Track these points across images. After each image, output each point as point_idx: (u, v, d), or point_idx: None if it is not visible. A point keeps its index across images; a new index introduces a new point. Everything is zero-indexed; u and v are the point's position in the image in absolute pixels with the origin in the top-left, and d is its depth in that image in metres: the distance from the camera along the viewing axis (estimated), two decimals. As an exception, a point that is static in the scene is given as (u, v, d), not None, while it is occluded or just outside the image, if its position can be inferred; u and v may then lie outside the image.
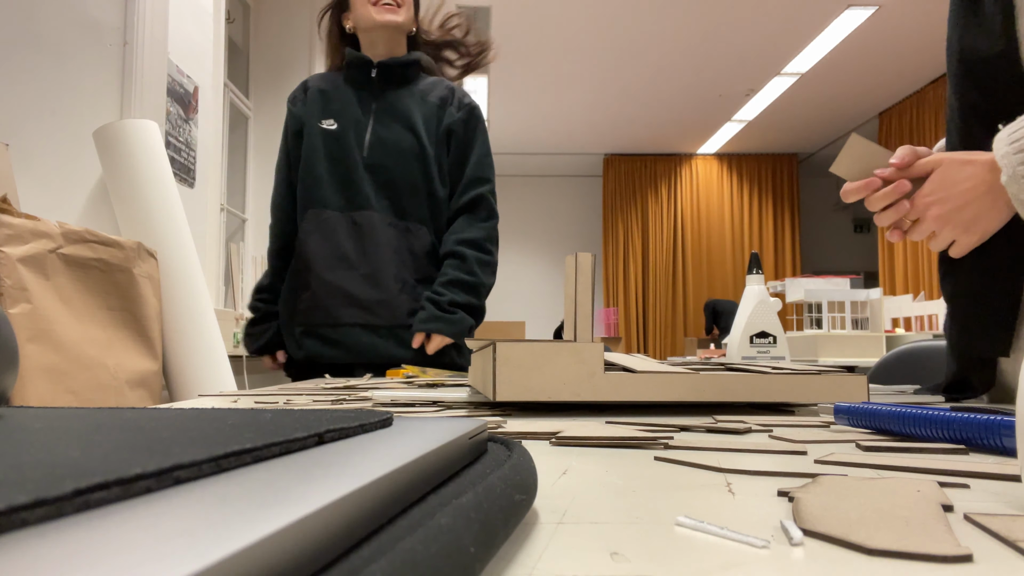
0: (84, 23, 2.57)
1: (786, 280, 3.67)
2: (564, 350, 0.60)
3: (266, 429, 0.23)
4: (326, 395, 0.80)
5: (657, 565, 0.20)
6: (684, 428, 0.51)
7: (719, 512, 0.26)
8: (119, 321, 1.96)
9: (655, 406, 0.67)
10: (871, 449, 0.41)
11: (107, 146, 2.46)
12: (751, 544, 0.22)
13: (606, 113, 7.23)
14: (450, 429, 0.26)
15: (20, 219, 1.65)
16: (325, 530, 0.13)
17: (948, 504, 0.27)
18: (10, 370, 0.50)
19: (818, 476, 0.31)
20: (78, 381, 1.73)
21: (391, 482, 0.18)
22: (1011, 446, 0.39)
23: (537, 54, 5.74)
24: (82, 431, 0.24)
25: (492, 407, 0.66)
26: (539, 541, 0.22)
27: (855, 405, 0.51)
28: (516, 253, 8.70)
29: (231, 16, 3.98)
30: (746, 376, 0.62)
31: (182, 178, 2.89)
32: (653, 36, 5.51)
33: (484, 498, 0.20)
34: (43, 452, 0.18)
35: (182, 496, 0.15)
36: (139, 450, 0.19)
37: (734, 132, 7.80)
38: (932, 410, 0.44)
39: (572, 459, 0.39)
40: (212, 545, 0.11)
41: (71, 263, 1.78)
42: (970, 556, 0.20)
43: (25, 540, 0.11)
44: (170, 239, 2.40)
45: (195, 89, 3.07)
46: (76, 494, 0.13)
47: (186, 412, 0.30)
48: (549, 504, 0.27)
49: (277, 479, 0.17)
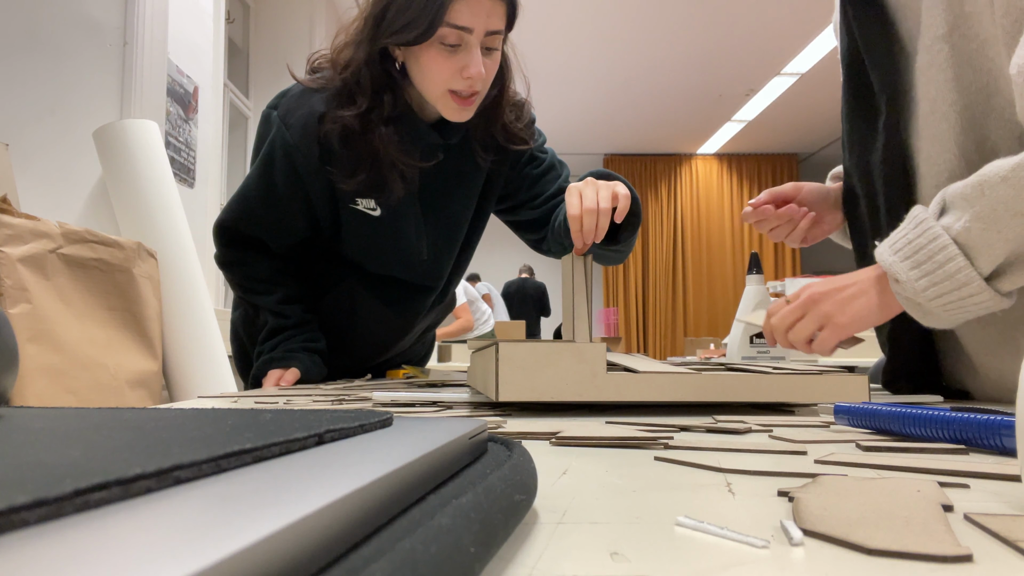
0: (84, 23, 2.57)
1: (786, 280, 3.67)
2: (566, 350, 0.60)
3: (266, 429, 0.23)
4: (326, 395, 0.80)
5: (657, 565, 0.20)
6: (684, 428, 0.51)
7: (719, 512, 0.26)
8: (119, 321, 1.97)
9: (655, 406, 0.67)
10: (871, 449, 0.41)
11: (107, 146, 2.46)
12: (751, 544, 0.22)
13: (606, 113, 7.23)
14: (450, 429, 0.26)
15: (20, 219, 1.65)
16: (325, 530, 0.13)
17: (948, 504, 0.27)
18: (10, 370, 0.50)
19: (818, 476, 0.31)
20: (78, 381, 1.73)
21: (391, 482, 0.18)
22: (1011, 446, 0.39)
23: (537, 54, 5.74)
24: (82, 431, 0.24)
25: (492, 407, 0.66)
26: (539, 541, 0.22)
27: (855, 405, 0.51)
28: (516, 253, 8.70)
29: (231, 16, 3.99)
30: (746, 376, 0.62)
31: (182, 178, 2.89)
32: (653, 36, 5.52)
33: (484, 498, 0.20)
34: (43, 452, 0.18)
35: (182, 496, 0.15)
36: (139, 450, 0.19)
37: (734, 132, 7.80)
38: (932, 410, 0.44)
39: (572, 459, 0.39)
40: (212, 545, 0.11)
41: (71, 263, 1.78)
42: (970, 556, 0.20)
43: (25, 540, 0.11)
44: (170, 239, 2.40)
45: (195, 89, 3.07)
46: (76, 494, 0.13)
47: (186, 412, 0.30)
48: (549, 504, 0.27)
49: (277, 479, 0.17)
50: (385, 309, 1.19)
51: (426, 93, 1.00)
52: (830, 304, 0.73)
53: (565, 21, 5.23)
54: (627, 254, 1.10)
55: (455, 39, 0.93)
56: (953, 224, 0.65)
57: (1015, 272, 0.64)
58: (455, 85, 0.97)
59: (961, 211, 0.65)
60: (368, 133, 1.02)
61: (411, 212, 1.11)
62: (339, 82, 1.02)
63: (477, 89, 0.98)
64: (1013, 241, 0.62)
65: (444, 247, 1.18)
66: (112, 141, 2.45)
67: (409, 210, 1.11)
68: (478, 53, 0.95)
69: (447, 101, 0.98)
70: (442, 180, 1.12)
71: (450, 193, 1.14)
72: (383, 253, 1.14)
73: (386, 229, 1.11)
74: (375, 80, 1.01)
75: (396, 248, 1.14)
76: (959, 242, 0.64)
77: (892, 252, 0.68)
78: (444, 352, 4.54)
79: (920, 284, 0.66)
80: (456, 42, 0.93)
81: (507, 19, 0.98)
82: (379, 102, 1.02)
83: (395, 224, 1.11)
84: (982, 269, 0.64)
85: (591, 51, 5.75)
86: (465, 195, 1.16)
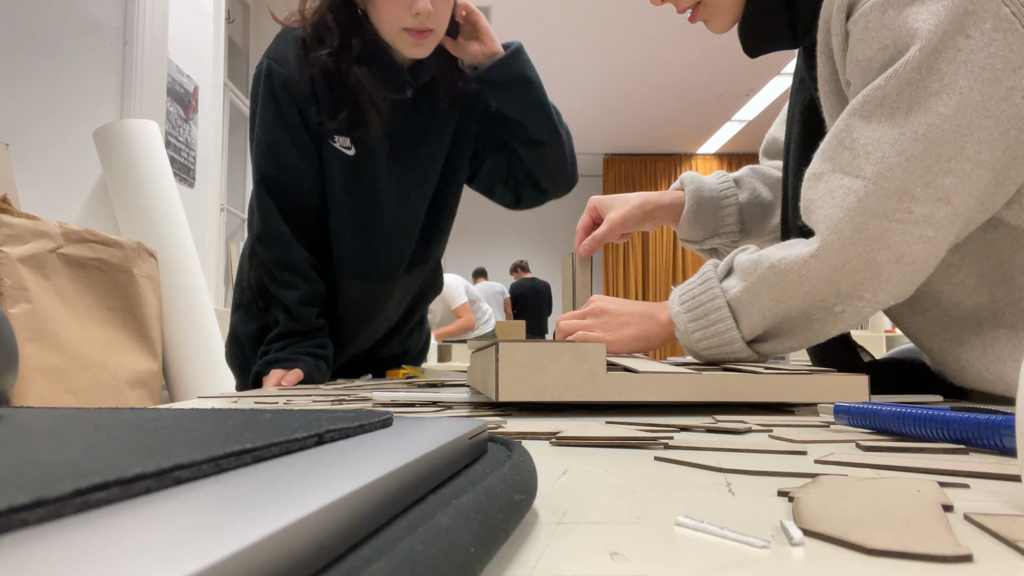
0: (84, 23, 2.57)
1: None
2: (567, 350, 0.60)
3: (266, 429, 0.23)
4: (326, 395, 0.80)
5: (657, 565, 0.20)
6: (684, 428, 0.51)
7: (719, 512, 0.26)
8: (119, 321, 1.96)
9: (655, 406, 0.67)
10: (871, 449, 0.41)
11: (107, 146, 2.46)
12: (751, 544, 0.22)
13: (606, 113, 7.23)
14: (450, 429, 0.26)
15: (20, 219, 1.65)
16: (325, 530, 0.13)
17: (948, 504, 0.27)
18: (10, 370, 0.50)
19: (818, 476, 0.31)
20: (78, 381, 1.73)
21: (391, 482, 0.18)
22: (1011, 446, 0.39)
23: (537, 54, 5.74)
24: (82, 431, 0.24)
25: (492, 407, 0.66)
26: (539, 541, 0.22)
27: (855, 405, 0.51)
28: (515, 253, 8.71)
29: (231, 16, 3.98)
30: (746, 376, 0.62)
31: (182, 178, 2.89)
32: (653, 36, 5.52)
33: (484, 498, 0.20)
34: (43, 452, 0.18)
35: (182, 496, 0.15)
36: (139, 450, 0.19)
37: (734, 132, 7.80)
38: (932, 410, 0.44)
39: (572, 459, 0.39)
40: (212, 545, 0.11)
41: (71, 263, 1.78)
42: (970, 556, 0.20)
43: (25, 540, 0.11)
44: (170, 239, 2.40)
45: (195, 89, 3.07)
46: (76, 494, 0.13)
47: (186, 412, 0.30)
48: (549, 504, 0.27)
49: (277, 479, 0.17)
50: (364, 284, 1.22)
51: (384, 33, 1.08)
52: (603, 323, 0.82)
53: (565, 21, 5.23)
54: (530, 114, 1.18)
55: None
56: (730, 289, 0.73)
57: (771, 343, 0.74)
58: (407, 23, 1.04)
59: (738, 279, 0.73)
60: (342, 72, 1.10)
61: (380, 153, 1.17)
62: (310, 28, 1.11)
63: (429, 26, 1.05)
64: (769, 319, 0.71)
65: (414, 193, 1.22)
66: (112, 141, 2.45)
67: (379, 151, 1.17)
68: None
69: (404, 38, 1.06)
70: (412, 127, 1.19)
71: (418, 140, 1.20)
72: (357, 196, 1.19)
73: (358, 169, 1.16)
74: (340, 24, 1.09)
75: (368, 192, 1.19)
76: (731, 306, 0.73)
77: (680, 303, 0.77)
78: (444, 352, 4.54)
79: (695, 336, 0.75)
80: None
81: None
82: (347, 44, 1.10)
83: (366, 163, 1.16)
84: (744, 333, 0.73)
85: (591, 51, 5.75)
86: (434, 143, 1.22)
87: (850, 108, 0.68)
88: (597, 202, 1.05)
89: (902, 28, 0.64)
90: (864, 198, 0.65)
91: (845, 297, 0.68)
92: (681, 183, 1.07)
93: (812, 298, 0.69)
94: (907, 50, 0.64)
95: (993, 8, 0.62)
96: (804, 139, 0.86)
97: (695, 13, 0.87)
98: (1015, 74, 0.63)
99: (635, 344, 0.81)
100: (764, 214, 1.05)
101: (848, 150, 0.67)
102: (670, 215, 1.05)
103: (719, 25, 0.86)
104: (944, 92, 0.63)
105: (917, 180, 0.64)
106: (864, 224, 0.65)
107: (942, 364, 0.81)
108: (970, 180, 0.64)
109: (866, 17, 0.67)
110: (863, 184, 0.65)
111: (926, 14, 0.63)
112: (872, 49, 0.67)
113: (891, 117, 0.65)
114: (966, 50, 0.62)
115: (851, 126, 0.67)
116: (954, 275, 0.74)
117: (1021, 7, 0.63)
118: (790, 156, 0.89)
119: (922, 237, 0.65)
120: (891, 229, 0.64)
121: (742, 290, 0.72)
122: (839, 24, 0.71)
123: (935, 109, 0.63)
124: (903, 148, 0.64)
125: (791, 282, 0.68)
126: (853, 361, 0.87)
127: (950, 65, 0.62)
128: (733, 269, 0.75)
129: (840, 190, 0.67)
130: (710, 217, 1.04)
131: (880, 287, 0.67)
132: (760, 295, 0.70)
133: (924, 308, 0.79)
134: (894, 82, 0.64)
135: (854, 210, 0.65)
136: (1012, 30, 0.63)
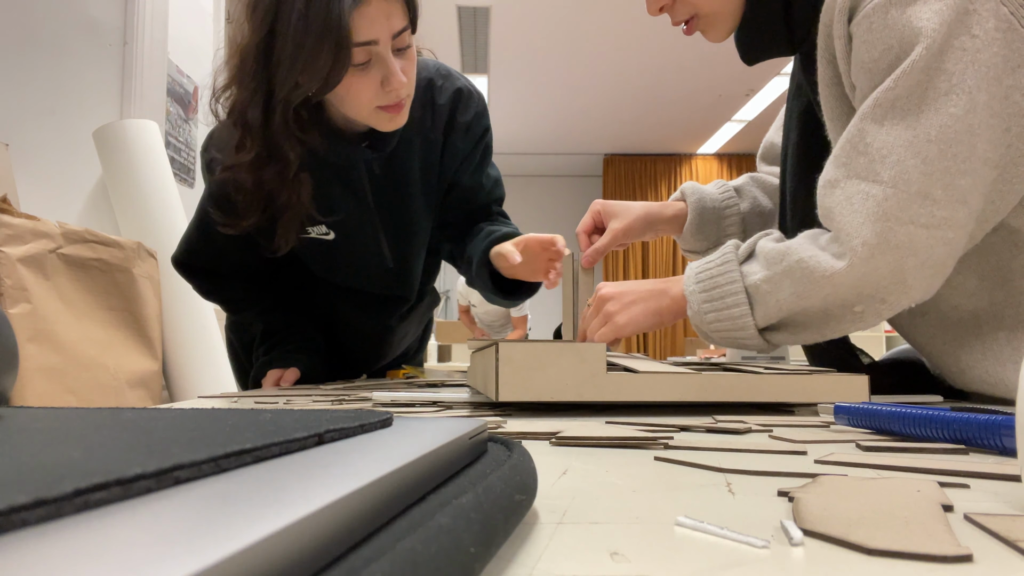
0: (84, 23, 2.57)
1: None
2: (567, 350, 0.60)
3: (266, 429, 0.23)
4: (326, 395, 0.80)
5: (657, 565, 0.20)
6: (684, 428, 0.51)
7: (719, 512, 0.26)
8: (119, 321, 1.96)
9: (655, 406, 0.67)
10: (871, 449, 0.41)
11: (107, 146, 2.46)
12: (751, 544, 0.22)
13: (606, 113, 7.23)
14: (450, 429, 0.26)
15: (20, 219, 1.65)
16: (325, 530, 0.13)
17: (948, 504, 0.27)
18: (10, 370, 0.50)
19: (818, 476, 0.31)
20: (78, 381, 1.73)
21: (391, 482, 0.18)
22: (1011, 446, 0.39)
23: (537, 54, 5.74)
24: (82, 431, 0.24)
25: (492, 407, 0.66)
26: (539, 541, 0.22)
27: (855, 405, 0.51)
28: (516, 253, 8.71)
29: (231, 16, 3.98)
30: (746, 376, 0.62)
31: (182, 178, 2.89)
32: (653, 36, 5.51)
33: (484, 498, 0.20)
34: (43, 452, 0.18)
35: (182, 496, 0.15)
36: (139, 450, 0.19)
37: (734, 132, 7.80)
38: (932, 410, 0.44)
39: (572, 459, 0.39)
40: (212, 545, 0.11)
41: (71, 263, 1.78)
42: (970, 556, 0.20)
43: (25, 540, 0.11)
44: (170, 239, 2.39)
45: (195, 89, 3.07)
46: (76, 494, 0.13)
47: (186, 412, 0.30)
48: (549, 504, 0.27)
49: (277, 479, 0.17)
50: (361, 314, 1.19)
51: (353, 116, 0.94)
52: (614, 304, 0.81)
53: (565, 21, 5.23)
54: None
55: (364, 56, 0.86)
56: (751, 274, 0.72)
57: (783, 333, 0.73)
58: (381, 101, 0.90)
59: (760, 266, 0.72)
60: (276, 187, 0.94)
61: (368, 224, 1.07)
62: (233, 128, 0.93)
63: (403, 96, 0.92)
64: (786, 311, 0.70)
65: (409, 252, 1.14)
66: (112, 141, 2.45)
67: (366, 223, 1.07)
68: (393, 61, 0.87)
69: (378, 116, 0.92)
70: (394, 184, 1.07)
71: (405, 197, 1.09)
72: (346, 269, 1.13)
73: (343, 250, 1.08)
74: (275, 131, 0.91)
75: (359, 264, 1.12)
76: (749, 292, 0.72)
77: (696, 281, 0.76)
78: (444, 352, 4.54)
79: (708, 317, 0.74)
80: (366, 59, 0.86)
81: (408, 12, 0.89)
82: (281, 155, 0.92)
83: (351, 244, 1.07)
84: (758, 321, 0.72)
85: (591, 51, 5.75)
86: (421, 194, 1.10)
87: (861, 112, 0.68)
88: (601, 207, 1.04)
89: (906, 28, 0.64)
90: (883, 202, 0.64)
91: (867, 299, 0.68)
92: (682, 194, 1.06)
93: (833, 299, 0.69)
94: (912, 50, 0.64)
95: (993, 7, 0.63)
96: (802, 144, 0.86)
97: (691, 26, 0.87)
98: (1015, 73, 0.63)
99: (647, 320, 0.79)
100: (765, 223, 1.05)
101: (863, 155, 0.67)
102: (672, 227, 1.05)
103: (716, 35, 0.86)
104: (953, 92, 0.63)
105: (936, 182, 0.63)
106: (890, 231, 0.64)
107: (942, 367, 0.81)
108: (982, 179, 0.64)
109: (869, 19, 0.67)
110: (881, 189, 0.65)
111: (929, 13, 0.63)
112: (877, 50, 0.67)
113: (903, 119, 0.65)
114: (971, 49, 0.62)
115: (864, 131, 0.67)
116: (953, 278, 0.73)
117: (1019, 7, 0.63)
118: (788, 161, 0.89)
119: (944, 239, 0.64)
120: (917, 235, 0.64)
121: (763, 278, 0.71)
122: (841, 27, 0.71)
123: (946, 110, 0.63)
124: (918, 150, 0.64)
125: (816, 282, 0.68)
126: (852, 365, 0.87)
127: (957, 64, 0.63)
128: (755, 254, 0.74)
129: (858, 196, 0.66)
130: (713, 228, 1.04)
131: (904, 292, 0.66)
132: (781, 287, 0.70)
133: (923, 311, 0.79)
134: (903, 84, 0.64)
135: (876, 216, 0.64)
136: (1011, 29, 0.63)
